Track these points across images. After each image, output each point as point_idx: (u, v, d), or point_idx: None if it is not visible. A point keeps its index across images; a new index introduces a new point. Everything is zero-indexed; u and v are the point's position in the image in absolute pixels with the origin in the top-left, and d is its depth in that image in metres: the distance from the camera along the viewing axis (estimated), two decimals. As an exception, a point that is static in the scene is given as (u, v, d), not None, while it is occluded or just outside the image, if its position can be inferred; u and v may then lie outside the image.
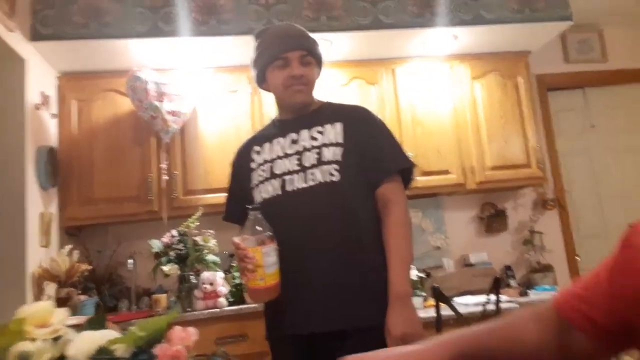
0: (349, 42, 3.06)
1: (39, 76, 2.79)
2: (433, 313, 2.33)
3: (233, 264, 2.95)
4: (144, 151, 3.01)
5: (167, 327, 0.66)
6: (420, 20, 3.01)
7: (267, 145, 1.65)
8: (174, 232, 2.80)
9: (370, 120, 1.66)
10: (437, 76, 3.35)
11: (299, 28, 1.66)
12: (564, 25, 3.21)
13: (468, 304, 2.63)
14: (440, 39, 3.16)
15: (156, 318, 0.67)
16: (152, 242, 2.81)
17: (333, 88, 3.13)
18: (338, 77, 3.22)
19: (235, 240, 1.40)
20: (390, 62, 3.31)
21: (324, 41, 2.89)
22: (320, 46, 1.67)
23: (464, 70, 3.38)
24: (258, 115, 3.10)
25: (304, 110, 1.64)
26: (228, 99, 3.13)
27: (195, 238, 2.80)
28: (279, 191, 1.56)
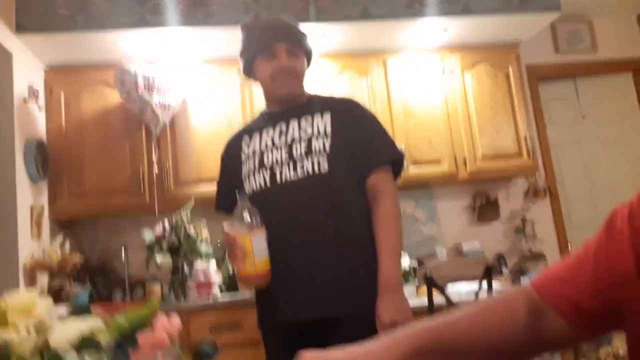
0: (340, 34, 3.05)
1: (26, 69, 2.78)
2: (426, 301, 2.34)
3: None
4: (133, 144, 3.00)
5: (151, 316, 0.67)
6: (410, 11, 3.00)
7: (257, 136, 1.65)
8: (166, 224, 2.80)
9: (360, 112, 1.66)
10: (428, 67, 3.35)
11: (287, 20, 1.65)
12: (552, 15, 3.21)
13: (460, 291, 2.64)
14: (431, 30, 3.15)
15: (140, 307, 0.68)
16: (145, 234, 2.81)
17: (324, 80, 3.13)
18: (329, 69, 3.21)
19: (225, 228, 1.41)
20: (382, 54, 3.30)
21: (314, 32, 2.88)
22: (308, 38, 1.67)
23: (455, 62, 3.38)
24: (249, 107, 3.09)
25: (292, 102, 1.64)
26: (218, 91, 3.12)
27: (187, 229, 2.80)
28: (268, 182, 1.56)
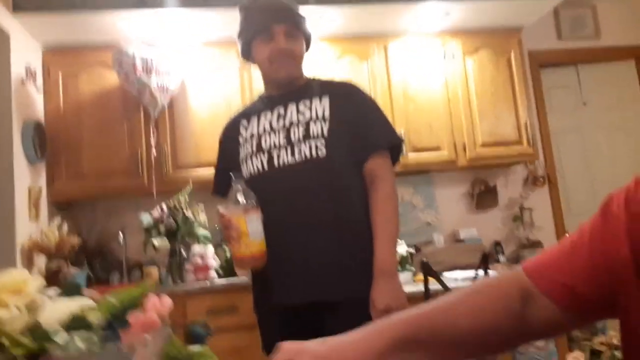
0: (340, 17, 3.01)
1: (24, 50, 2.75)
2: (422, 287, 2.35)
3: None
4: (132, 126, 2.99)
5: (142, 297, 0.66)
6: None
7: (255, 119, 1.64)
8: (164, 206, 2.80)
9: (358, 96, 1.65)
10: (429, 52, 3.32)
11: (285, 1, 1.63)
12: (555, 0, 3.17)
13: (457, 278, 2.65)
14: (432, 14, 3.12)
15: (131, 287, 0.68)
16: (142, 217, 2.81)
17: (324, 64, 3.10)
18: (329, 53, 3.18)
19: (220, 210, 1.41)
20: (382, 38, 3.27)
21: (314, 15, 2.84)
22: (308, 21, 1.65)
23: (456, 46, 3.35)
24: (248, 90, 3.07)
25: (291, 85, 1.63)
26: (217, 73, 3.10)
27: (185, 212, 2.80)
28: (266, 166, 1.56)
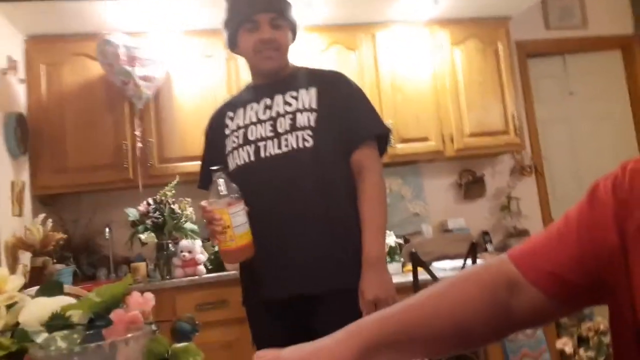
0: (327, 6, 2.98)
1: (5, 40, 2.69)
2: (411, 278, 2.36)
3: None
4: (117, 117, 2.94)
5: (125, 294, 0.65)
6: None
7: (241, 111, 1.62)
8: (150, 201, 2.77)
9: (346, 86, 1.64)
10: (418, 42, 3.31)
11: None
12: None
13: (445, 268, 2.66)
14: (421, 2, 3.10)
15: (113, 284, 0.66)
16: (129, 211, 2.78)
17: (311, 54, 3.07)
18: (316, 43, 3.15)
19: (202, 204, 1.39)
20: (371, 27, 3.25)
21: (300, 3, 2.81)
22: (294, 9, 1.63)
23: (444, 36, 3.34)
24: (235, 81, 3.03)
25: (277, 75, 1.61)
26: (203, 64, 3.06)
27: (172, 206, 2.77)
28: (253, 157, 1.55)
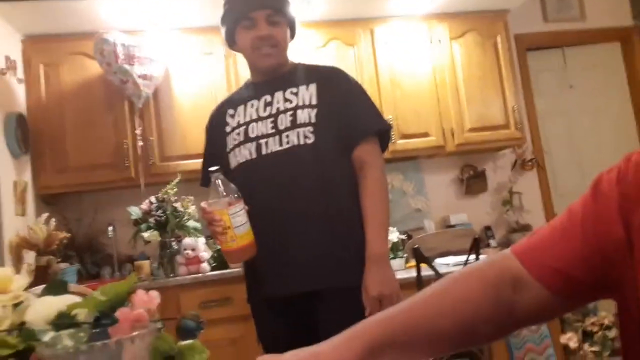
0: (326, 1, 2.98)
1: (3, 40, 2.69)
2: (414, 273, 2.36)
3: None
4: (117, 116, 2.94)
5: (130, 292, 0.65)
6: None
7: (241, 108, 1.62)
8: (153, 199, 2.77)
9: (345, 81, 1.64)
10: (416, 37, 3.30)
11: None
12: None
13: (448, 264, 2.67)
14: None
15: (118, 283, 0.66)
16: (131, 209, 2.79)
17: (309, 50, 3.07)
18: (315, 39, 3.15)
19: (202, 205, 1.40)
20: (369, 22, 3.25)
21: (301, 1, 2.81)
22: (291, 5, 1.62)
23: (443, 30, 3.34)
24: (234, 78, 3.03)
25: (276, 72, 1.61)
26: (202, 62, 3.05)
27: (174, 204, 2.78)
28: (254, 155, 1.55)
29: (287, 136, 1.52)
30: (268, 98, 1.58)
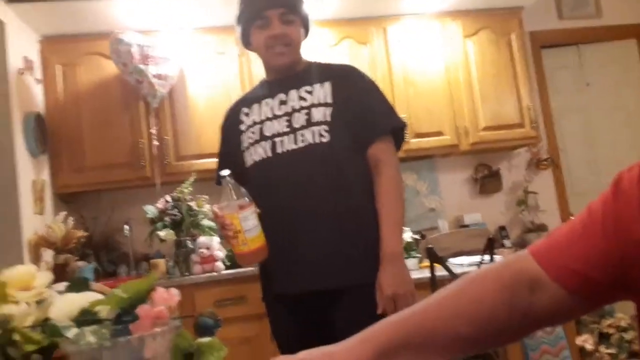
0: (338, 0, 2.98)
1: (20, 40, 2.73)
2: (428, 273, 2.35)
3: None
4: (132, 116, 2.97)
5: (150, 289, 0.66)
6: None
7: (256, 106, 1.63)
8: (168, 198, 2.80)
9: (360, 79, 1.64)
10: (429, 35, 3.28)
11: None
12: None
13: (462, 264, 2.65)
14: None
15: (139, 280, 0.67)
16: (147, 208, 2.82)
17: (322, 48, 3.07)
18: (328, 37, 3.15)
19: (214, 209, 1.40)
20: (382, 21, 3.24)
21: None
22: (305, 5, 1.62)
23: (456, 28, 3.32)
24: (247, 77, 3.05)
25: (291, 70, 1.61)
26: (216, 61, 3.07)
27: (189, 203, 2.80)
28: (269, 153, 1.55)
29: (302, 135, 1.52)
30: (283, 96, 1.59)
